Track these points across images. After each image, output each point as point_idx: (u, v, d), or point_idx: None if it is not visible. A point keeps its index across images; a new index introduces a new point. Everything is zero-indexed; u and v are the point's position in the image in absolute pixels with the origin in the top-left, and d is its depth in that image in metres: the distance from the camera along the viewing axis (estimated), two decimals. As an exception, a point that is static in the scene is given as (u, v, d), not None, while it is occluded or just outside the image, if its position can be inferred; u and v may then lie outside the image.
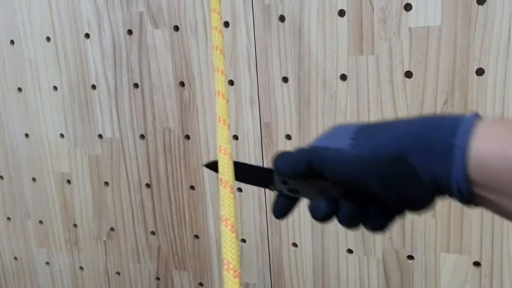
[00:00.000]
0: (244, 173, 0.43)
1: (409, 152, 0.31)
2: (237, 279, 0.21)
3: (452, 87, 0.67)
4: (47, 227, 1.04)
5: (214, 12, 0.42)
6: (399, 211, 0.36)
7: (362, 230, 0.77)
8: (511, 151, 0.28)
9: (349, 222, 0.37)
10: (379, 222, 0.37)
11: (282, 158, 0.38)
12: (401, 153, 0.32)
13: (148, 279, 0.98)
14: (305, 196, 0.40)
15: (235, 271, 0.21)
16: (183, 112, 0.85)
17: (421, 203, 0.34)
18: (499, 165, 0.28)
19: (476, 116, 0.31)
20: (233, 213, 0.23)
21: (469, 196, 0.30)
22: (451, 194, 0.31)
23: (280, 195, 0.41)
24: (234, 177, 0.28)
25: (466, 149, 0.29)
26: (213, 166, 0.45)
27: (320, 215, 0.37)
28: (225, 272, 0.21)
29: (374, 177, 0.33)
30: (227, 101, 0.36)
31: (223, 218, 0.23)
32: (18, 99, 0.98)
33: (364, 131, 0.35)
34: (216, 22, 0.42)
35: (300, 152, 0.38)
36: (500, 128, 0.29)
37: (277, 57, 0.76)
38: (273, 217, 0.82)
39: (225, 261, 0.21)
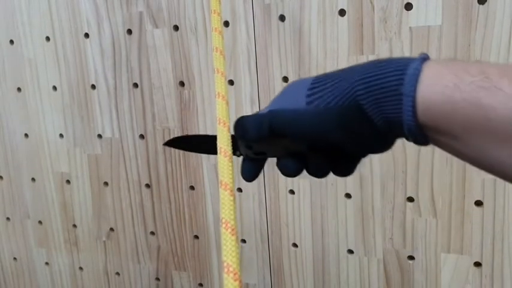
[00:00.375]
0: (207, 144, 0.43)
1: (361, 101, 0.32)
2: (237, 282, 0.20)
3: (453, 87, 0.67)
4: (47, 227, 1.04)
5: (214, 13, 0.42)
6: (362, 154, 0.38)
7: (363, 230, 0.76)
8: (456, 95, 0.29)
9: (318, 173, 0.39)
10: (346, 167, 0.39)
11: (242, 124, 0.39)
12: (354, 103, 0.33)
13: (148, 280, 0.97)
14: (271, 156, 0.41)
15: (235, 274, 0.21)
16: (183, 112, 0.84)
17: (381, 146, 0.36)
18: (445, 109, 0.29)
19: (423, 60, 0.31)
20: (233, 215, 0.23)
21: (422, 139, 0.32)
22: (406, 138, 0.33)
23: (246, 160, 0.42)
24: (232, 179, 0.28)
25: (413, 96, 0.30)
26: (173, 143, 0.45)
27: (289, 172, 0.39)
28: (225, 275, 0.21)
29: (333, 130, 0.34)
30: (227, 103, 0.36)
31: (223, 220, 0.23)
32: (17, 99, 0.98)
33: (317, 86, 0.36)
34: (216, 23, 0.42)
35: (260, 116, 0.38)
36: (445, 72, 0.30)
37: (278, 56, 0.75)
38: (273, 217, 0.82)
39: (225, 264, 0.21)
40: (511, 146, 0.27)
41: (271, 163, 0.42)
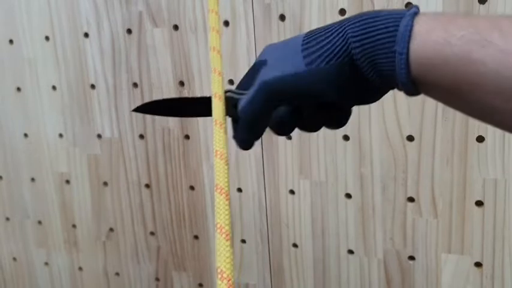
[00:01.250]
0: (190, 106, 0.42)
1: (357, 60, 0.33)
2: (230, 289, 0.20)
3: (453, 87, 0.66)
4: (46, 228, 1.04)
5: (212, 12, 0.42)
6: (354, 105, 0.39)
7: (363, 231, 0.76)
8: (446, 49, 0.29)
9: (312, 128, 0.40)
10: (339, 120, 0.40)
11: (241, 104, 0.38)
12: (350, 61, 0.33)
13: (148, 280, 0.97)
14: None
15: (229, 280, 0.21)
16: (183, 112, 0.84)
17: (373, 97, 0.37)
18: (437, 64, 0.30)
19: (414, 14, 0.32)
20: (228, 220, 0.23)
21: (415, 92, 0.33)
22: (398, 89, 0.34)
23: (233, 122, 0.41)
24: (228, 183, 0.28)
25: (406, 53, 0.31)
26: (143, 109, 0.43)
27: (285, 129, 0.39)
28: (218, 282, 0.20)
29: (332, 88, 0.35)
30: (224, 104, 0.36)
31: (218, 225, 0.23)
32: (17, 99, 0.98)
33: (311, 43, 0.35)
34: (213, 22, 0.41)
35: (257, 93, 0.37)
36: (436, 27, 0.30)
37: (277, 56, 0.75)
38: (273, 217, 0.82)
39: (219, 270, 0.21)
40: (502, 98, 0.28)
41: (271, 165, 0.42)
